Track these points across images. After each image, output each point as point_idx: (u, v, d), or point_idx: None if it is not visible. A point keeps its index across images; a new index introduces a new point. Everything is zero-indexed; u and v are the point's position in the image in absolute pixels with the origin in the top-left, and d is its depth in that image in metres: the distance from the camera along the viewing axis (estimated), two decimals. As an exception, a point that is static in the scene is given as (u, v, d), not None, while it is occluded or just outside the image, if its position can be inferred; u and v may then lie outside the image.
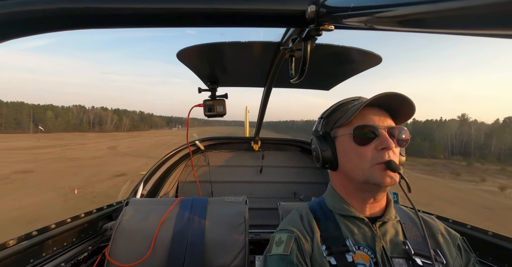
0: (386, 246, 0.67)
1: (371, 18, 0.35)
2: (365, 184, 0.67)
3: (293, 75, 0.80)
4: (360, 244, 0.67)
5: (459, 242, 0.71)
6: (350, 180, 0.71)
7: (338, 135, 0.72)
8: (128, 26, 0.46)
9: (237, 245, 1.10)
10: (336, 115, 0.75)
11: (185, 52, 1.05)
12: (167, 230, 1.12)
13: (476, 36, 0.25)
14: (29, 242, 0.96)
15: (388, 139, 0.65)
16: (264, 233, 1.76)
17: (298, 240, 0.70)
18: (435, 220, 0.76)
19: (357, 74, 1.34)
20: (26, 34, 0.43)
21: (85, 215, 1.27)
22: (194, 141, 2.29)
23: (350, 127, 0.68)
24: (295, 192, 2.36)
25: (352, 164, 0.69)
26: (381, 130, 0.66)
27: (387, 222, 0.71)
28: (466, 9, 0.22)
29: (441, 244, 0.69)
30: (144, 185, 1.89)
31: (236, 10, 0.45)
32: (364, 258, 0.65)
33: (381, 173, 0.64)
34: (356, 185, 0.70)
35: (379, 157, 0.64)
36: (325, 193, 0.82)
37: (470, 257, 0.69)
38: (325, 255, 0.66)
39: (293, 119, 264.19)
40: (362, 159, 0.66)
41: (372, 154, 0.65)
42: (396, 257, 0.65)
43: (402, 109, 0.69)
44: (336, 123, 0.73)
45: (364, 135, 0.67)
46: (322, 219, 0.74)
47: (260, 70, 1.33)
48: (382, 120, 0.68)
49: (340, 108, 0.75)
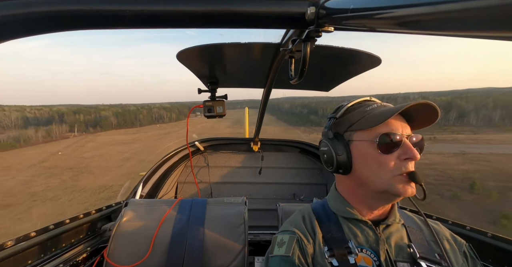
0: (390, 249, 0.66)
1: (370, 19, 0.35)
2: (382, 194, 0.65)
3: (293, 76, 0.80)
4: (363, 246, 0.66)
5: (465, 249, 0.70)
6: (362, 186, 0.68)
7: (356, 139, 0.68)
8: (128, 27, 0.46)
9: (236, 246, 1.10)
10: (351, 117, 0.70)
11: (185, 53, 1.05)
12: (166, 231, 1.11)
13: (475, 38, 0.25)
14: (28, 243, 0.95)
15: (412, 149, 0.62)
16: (264, 234, 1.75)
17: (300, 241, 0.69)
18: (440, 225, 0.75)
19: (356, 75, 1.34)
20: (26, 35, 0.43)
21: (84, 215, 1.26)
22: (194, 142, 2.28)
23: (372, 133, 0.65)
24: (295, 193, 2.36)
25: (370, 172, 0.66)
26: (405, 139, 0.64)
27: (391, 225, 0.70)
28: (465, 11, 0.22)
29: (447, 250, 0.68)
30: (143, 185, 1.88)
31: (236, 11, 0.45)
32: (367, 260, 0.64)
33: (403, 185, 0.62)
34: (369, 193, 0.68)
35: (403, 167, 0.62)
36: (328, 195, 0.82)
37: (477, 265, 0.68)
38: (326, 256, 0.65)
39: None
40: (383, 168, 0.63)
41: (395, 164, 0.63)
42: (401, 261, 0.64)
43: (423, 117, 0.66)
44: (352, 126, 0.69)
45: (388, 143, 0.63)
46: (325, 220, 0.73)
47: (260, 71, 1.33)
48: (404, 128, 0.65)
49: (354, 109, 0.71)
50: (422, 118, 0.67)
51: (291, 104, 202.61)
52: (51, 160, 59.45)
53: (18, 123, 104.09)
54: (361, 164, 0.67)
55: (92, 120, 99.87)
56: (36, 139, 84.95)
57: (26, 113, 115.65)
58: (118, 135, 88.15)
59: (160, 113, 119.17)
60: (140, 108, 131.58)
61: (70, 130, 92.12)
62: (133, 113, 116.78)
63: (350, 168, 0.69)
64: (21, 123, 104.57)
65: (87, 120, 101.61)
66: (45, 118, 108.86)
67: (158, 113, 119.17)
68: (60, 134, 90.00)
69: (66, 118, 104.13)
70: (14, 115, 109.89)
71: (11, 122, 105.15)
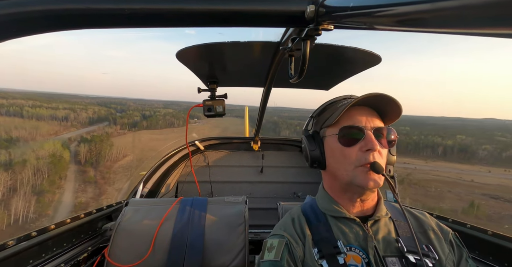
0: (378, 245, 0.66)
1: (370, 17, 0.35)
2: (349, 185, 0.67)
3: (293, 75, 0.80)
4: (352, 244, 0.67)
5: (451, 238, 0.70)
6: (336, 179, 0.71)
7: (326, 134, 0.71)
8: (127, 26, 0.46)
9: (237, 245, 1.10)
10: (325, 115, 0.74)
11: (185, 52, 1.04)
12: (167, 230, 1.11)
13: (475, 36, 0.25)
14: (29, 242, 0.95)
15: (373, 140, 0.64)
16: (264, 233, 1.76)
17: (289, 245, 0.69)
18: (426, 215, 0.76)
19: (356, 74, 1.33)
20: (26, 34, 0.43)
21: (85, 215, 1.26)
22: (194, 141, 2.28)
23: (337, 127, 0.68)
24: (295, 192, 2.36)
25: (338, 164, 0.68)
26: (367, 131, 0.65)
27: (379, 220, 0.70)
28: (465, 8, 0.22)
29: (433, 240, 0.68)
30: (143, 185, 1.88)
31: (236, 10, 0.45)
32: (356, 259, 0.65)
33: (365, 176, 0.63)
34: (342, 185, 0.70)
35: (363, 158, 0.64)
36: (317, 195, 0.82)
37: (463, 252, 0.69)
38: (316, 258, 0.65)
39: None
40: (347, 160, 0.66)
41: (357, 155, 0.65)
42: (389, 255, 0.65)
43: (390, 110, 0.68)
44: (324, 123, 0.72)
45: (349, 136, 0.66)
46: (314, 221, 0.73)
47: (260, 70, 1.33)
48: (369, 121, 0.67)
49: (329, 107, 0.75)
50: (391, 112, 0.68)
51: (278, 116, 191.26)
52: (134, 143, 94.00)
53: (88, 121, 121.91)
54: (331, 158, 0.70)
55: (131, 123, 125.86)
56: (111, 133, 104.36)
57: (90, 113, 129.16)
58: (152, 135, 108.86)
59: (172, 120, 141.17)
60: (153, 114, 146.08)
61: (121, 128, 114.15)
62: (155, 118, 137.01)
63: (325, 162, 0.72)
64: (90, 122, 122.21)
65: (128, 122, 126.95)
66: (102, 117, 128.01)
67: (170, 120, 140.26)
68: (116, 131, 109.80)
69: (118, 120, 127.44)
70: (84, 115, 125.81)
71: (84, 120, 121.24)
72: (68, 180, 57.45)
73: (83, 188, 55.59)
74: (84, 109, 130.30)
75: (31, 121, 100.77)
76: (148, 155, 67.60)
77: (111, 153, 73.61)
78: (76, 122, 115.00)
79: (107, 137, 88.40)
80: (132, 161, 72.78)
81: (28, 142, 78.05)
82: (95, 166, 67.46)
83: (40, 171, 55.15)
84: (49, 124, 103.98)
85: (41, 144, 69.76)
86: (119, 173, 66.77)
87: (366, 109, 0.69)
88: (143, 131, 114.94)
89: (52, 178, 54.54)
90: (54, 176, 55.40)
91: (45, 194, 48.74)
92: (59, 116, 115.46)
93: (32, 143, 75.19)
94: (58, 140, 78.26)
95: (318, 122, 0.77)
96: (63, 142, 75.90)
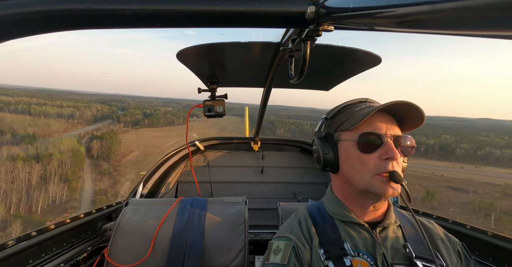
0: (386, 252, 0.65)
1: (370, 18, 0.35)
2: (364, 192, 0.66)
3: (293, 75, 0.80)
4: (359, 250, 0.66)
5: (459, 248, 0.70)
6: (349, 185, 0.69)
7: (342, 138, 0.70)
8: (127, 26, 0.46)
9: (237, 245, 1.10)
10: (341, 118, 0.72)
11: (185, 53, 1.04)
12: (167, 230, 1.12)
13: (474, 37, 0.25)
14: (28, 242, 0.95)
15: (393, 149, 0.62)
16: (264, 233, 1.76)
17: (296, 248, 0.68)
18: (434, 224, 0.75)
19: (356, 74, 1.33)
20: (28, 34, 0.43)
21: (85, 215, 1.26)
22: (194, 141, 2.27)
23: (355, 132, 0.66)
24: (295, 193, 2.35)
25: (353, 170, 0.66)
26: (388, 139, 0.64)
27: (387, 227, 0.69)
28: (465, 10, 0.22)
29: (441, 249, 0.68)
30: (143, 185, 1.88)
31: (236, 10, 0.45)
32: (364, 265, 0.64)
33: (383, 184, 0.62)
34: (355, 191, 0.69)
35: (383, 166, 0.62)
36: (324, 197, 0.81)
37: (470, 263, 0.69)
38: (322, 259, 0.65)
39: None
40: (364, 167, 0.64)
41: (376, 163, 0.63)
42: (397, 263, 0.64)
43: (411, 118, 0.66)
44: (340, 126, 0.71)
45: (369, 143, 0.64)
46: (321, 223, 0.73)
47: (260, 70, 1.33)
48: (389, 129, 0.65)
49: (345, 110, 0.72)
50: (412, 120, 0.67)
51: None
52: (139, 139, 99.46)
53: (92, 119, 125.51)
54: (345, 163, 0.68)
55: (133, 121, 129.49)
56: (116, 131, 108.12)
57: (94, 111, 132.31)
58: (153, 132, 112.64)
59: (172, 119, 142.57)
60: (154, 112, 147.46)
61: (124, 126, 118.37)
62: (156, 117, 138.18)
63: (338, 167, 0.70)
64: (94, 119, 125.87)
65: (131, 120, 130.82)
66: (106, 115, 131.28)
67: (170, 118, 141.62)
68: (120, 128, 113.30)
69: (121, 118, 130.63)
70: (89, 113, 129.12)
71: (89, 118, 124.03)
72: (86, 171, 66.16)
73: (99, 178, 63.83)
74: (88, 107, 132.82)
75: (41, 119, 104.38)
76: (152, 151, 71.94)
77: (119, 148, 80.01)
78: (82, 120, 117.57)
79: (115, 134, 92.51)
80: (138, 156, 77.72)
81: (46, 138, 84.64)
82: (107, 159, 74.42)
83: (64, 163, 63.47)
84: (57, 122, 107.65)
85: (60, 140, 75.87)
86: (128, 166, 73.13)
87: (386, 116, 0.67)
88: (145, 129, 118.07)
89: (74, 169, 62.72)
90: (75, 168, 63.64)
91: (71, 181, 56.72)
92: (65, 114, 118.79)
93: (51, 139, 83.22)
94: (70, 136, 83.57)
95: (331, 124, 0.74)
96: (78, 138, 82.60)
